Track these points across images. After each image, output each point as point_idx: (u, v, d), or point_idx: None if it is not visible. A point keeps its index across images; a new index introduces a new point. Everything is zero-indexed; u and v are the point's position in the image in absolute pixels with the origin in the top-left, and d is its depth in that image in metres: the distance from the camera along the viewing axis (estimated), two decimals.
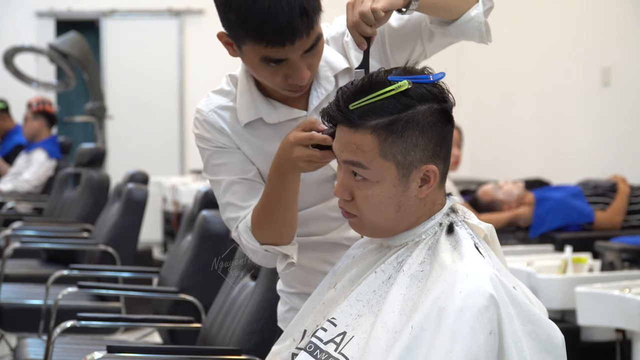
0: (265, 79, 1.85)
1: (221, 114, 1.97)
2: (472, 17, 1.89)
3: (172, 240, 7.47)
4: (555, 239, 5.33)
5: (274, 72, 1.82)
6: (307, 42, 1.79)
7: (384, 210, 1.62)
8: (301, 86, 1.86)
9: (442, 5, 1.86)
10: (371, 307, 1.62)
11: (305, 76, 1.83)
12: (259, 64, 1.81)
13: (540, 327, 1.55)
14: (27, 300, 4.26)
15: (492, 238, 1.67)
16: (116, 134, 9.18)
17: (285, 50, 1.77)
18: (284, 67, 1.81)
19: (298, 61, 1.81)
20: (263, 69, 1.82)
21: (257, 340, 2.55)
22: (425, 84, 1.61)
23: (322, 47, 1.86)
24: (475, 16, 1.89)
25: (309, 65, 1.83)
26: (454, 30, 1.90)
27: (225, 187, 1.96)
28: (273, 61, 1.80)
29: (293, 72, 1.82)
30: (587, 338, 4.15)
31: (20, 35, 9.08)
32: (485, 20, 1.90)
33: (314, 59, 1.85)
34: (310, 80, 1.88)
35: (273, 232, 1.90)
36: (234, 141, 1.96)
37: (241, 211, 1.94)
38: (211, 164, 1.98)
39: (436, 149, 1.61)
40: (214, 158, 1.98)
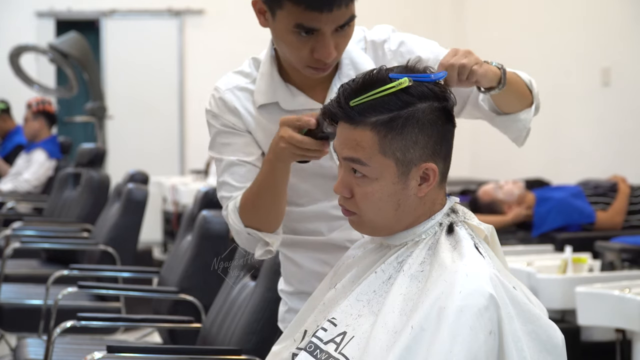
0: (293, 49, 1.86)
1: (237, 94, 2.00)
2: (520, 119, 1.95)
3: (172, 240, 7.47)
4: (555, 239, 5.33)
5: (303, 43, 1.84)
6: (343, 15, 1.81)
7: (383, 208, 1.62)
8: (325, 64, 1.87)
9: (508, 100, 1.90)
10: (371, 307, 1.62)
11: (331, 53, 1.84)
12: (291, 32, 1.83)
13: (540, 327, 1.55)
14: (27, 300, 4.26)
15: (492, 239, 1.67)
16: (116, 134, 9.18)
17: (320, 19, 1.79)
18: (314, 39, 1.83)
19: (328, 36, 1.82)
20: (293, 38, 1.84)
21: (257, 340, 2.55)
22: (426, 83, 1.61)
23: (352, 30, 1.88)
24: (524, 120, 1.96)
25: (336, 44, 1.85)
26: (499, 120, 1.96)
27: (225, 166, 1.99)
28: (305, 30, 1.81)
29: (321, 47, 1.83)
30: (587, 338, 4.15)
31: (20, 35, 9.08)
32: (529, 128, 1.97)
33: (343, 39, 1.86)
34: (333, 62, 1.89)
35: (258, 217, 1.93)
36: (244, 123, 1.99)
37: (235, 191, 1.97)
38: (217, 142, 2.02)
39: (436, 147, 1.62)
40: (220, 137, 2.01)
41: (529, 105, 1.96)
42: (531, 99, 1.96)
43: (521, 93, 1.93)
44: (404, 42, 2.00)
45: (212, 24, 9.36)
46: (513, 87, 1.87)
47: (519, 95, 1.92)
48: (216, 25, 9.35)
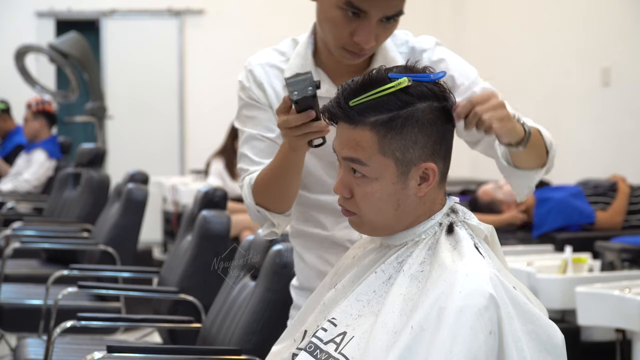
0: (334, 27, 1.88)
1: (267, 70, 2.05)
2: (528, 177, 1.94)
3: (172, 240, 7.47)
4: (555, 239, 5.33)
5: (346, 22, 1.86)
6: (393, 6, 1.83)
7: (382, 208, 1.62)
8: (361, 50, 1.88)
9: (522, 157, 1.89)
10: (371, 307, 1.62)
11: (369, 41, 1.86)
12: (338, 7, 1.85)
13: (540, 327, 1.55)
14: (27, 300, 4.26)
15: (492, 239, 1.67)
16: (116, 134, 9.18)
17: (371, 2, 1.81)
18: (358, 22, 1.85)
19: (373, 23, 1.84)
20: (339, 14, 1.86)
21: (257, 340, 2.55)
22: (426, 82, 1.61)
23: (395, 27, 1.89)
24: (531, 179, 1.94)
25: (377, 35, 1.87)
26: (507, 170, 1.94)
27: (246, 138, 2.04)
28: (353, 10, 1.83)
29: (362, 31, 1.85)
30: (587, 338, 4.15)
31: (20, 35, 9.07)
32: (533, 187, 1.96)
33: (385, 32, 1.88)
34: (368, 52, 1.91)
35: (268, 197, 1.97)
36: (268, 99, 2.02)
37: (253, 166, 2.01)
38: (242, 114, 2.06)
39: (436, 147, 1.62)
40: (245, 109, 2.05)
41: (542, 166, 1.94)
42: (545, 160, 1.94)
43: (538, 153, 1.91)
44: (444, 59, 2.01)
45: (212, 24, 9.36)
46: (532, 148, 1.86)
47: (535, 155, 1.91)
48: (216, 25, 9.35)
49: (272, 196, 1.96)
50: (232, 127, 6.69)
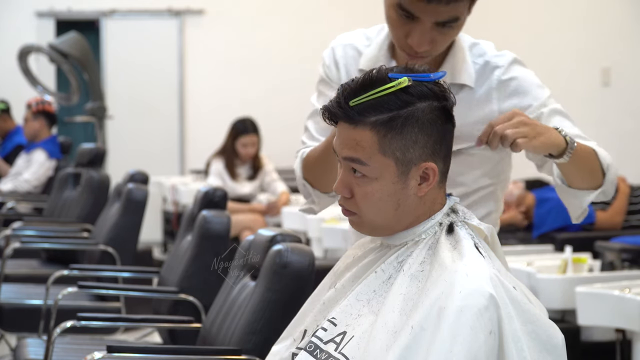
0: (392, 27, 1.90)
1: (347, 52, 2.06)
2: (578, 196, 1.91)
3: (172, 240, 7.47)
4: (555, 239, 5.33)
5: (401, 23, 1.86)
6: (443, 12, 1.82)
7: (383, 208, 1.62)
8: (416, 53, 1.88)
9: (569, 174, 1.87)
10: (371, 307, 1.62)
11: (421, 44, 1.86)
12: (393, 8, 1.86)
13: (540, 327, 1.55)
14: (27, 300, 4.26)
15: (492, 239, 1.67)
16: (116, 134, 9.18)
17: (418, 7, 1.81)
18: (412, 24, 1.85)
19: (426, 27, 1.84)
20: (394, 15, 1.87)
21: (257, 340, 2.55)
22: (426, 82, 1.61)
23: (455, 32, 1.88)
24: (583, 201, 1.91)
25: (433, 39, 1.86)
26: (561, 190, 1.92)
27: (313, 113, 2.08)
28: (405, 12, 1.83)
29: (415, 34, 1.85)
30: (587, 338, 4.15)
31: (20, 35, 9.07)
32: (586, 208, 1.93)
33: (442, 37, 1.87)
34: (428, 55, 1.90)
35: (313, 175, 2.01)
36: (341, 80, 2.04)
37: (311, 140, 2.06)
38: (317, 88, 2.11)
39: (436, 147, 1.62)
40: (320, 84, 2.10)
41: (596, 188, 1.91)
42: (600, 182, 1.91)
43: (589, 172, 1.88)
44: (516, 78, 1.99)
45: (212, 24, 9.36)
46: (580, 165, 1.84)
47: (586, 174, 1.88)
48: (216, 25, 9.35)
49: (318, 174, 2.00)
50: (232, 127, 6.69)
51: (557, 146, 1.78)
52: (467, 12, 1.88)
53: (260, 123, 6.82)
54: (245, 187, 6.70)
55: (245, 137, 6.60)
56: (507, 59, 2.01)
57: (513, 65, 2.01)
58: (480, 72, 1.99)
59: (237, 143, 6.61)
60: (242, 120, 6.70)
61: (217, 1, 9.37)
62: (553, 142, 1.77)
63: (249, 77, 9.26)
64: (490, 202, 2.06)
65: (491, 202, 2.06)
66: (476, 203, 2.04)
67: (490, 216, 2.07)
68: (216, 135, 7.66)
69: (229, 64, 9.31)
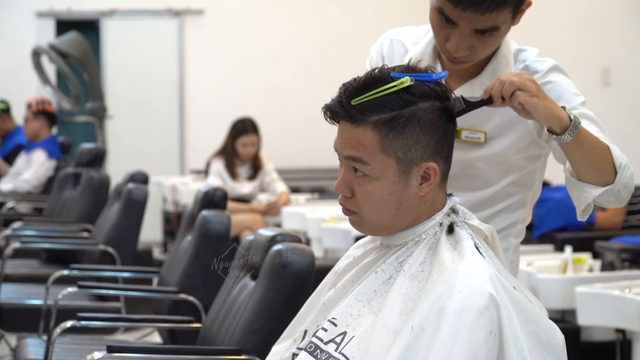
0: (434, 29, 1.90)
1: (395, 47, 2.06)
2: (585, 191, 1.86)
3: (172, 240, 7.47)
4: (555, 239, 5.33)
5: (441, 27, 1.86)
6: (481, 20, 1.81)
7: (383, 207, 1.62)
8: (454, 57, 1.88)
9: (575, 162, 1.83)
10: (371, 307, 1.62)
11: (459, 50, 1.85)
12: (435, 12, 1.85)
13: (540, 327, 1.55)
14: (27, 300, 4.25)
15: (492, 239, 1.67)
16: (116, 134, 9.18)
17: (456, 13, 1.81)
18: (452, 29, 1.84)
19: (466, 33, 1.83)
20: (436, 18, 1.87)
21: (257, 340, 2.55)
22: (428, 82, 1.61)
23: (495, 41, 1.87)
24: (589, 195, 1.86)
25: (472, 45, 1.86)
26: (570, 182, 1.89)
27: None
28: (445, 17, 1.83)
29: (453, 39, 1.85)
30: (587, 338, 4.15)
31: (20, 35, 9.07)
32: (591, 203, 1.87)
33: (482, 44, 1.86)
34: (467, 60, 1.89)
35: None
36: None
37: None
38: None
39: (437, 147, 1.62)
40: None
41: (604, 185, 1.85)
42: (611, 180, 1.85)
43: (597, 165, 1.83)
44: (552, 82, 1.97)
45: (212, 24, 9.36)
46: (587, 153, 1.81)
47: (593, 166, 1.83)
48: (216, 25, 9.35)
49: None
50: (232, 126, 6.69)
51: (559, 119, 1.75)
52: (510, 22, 1.86)
53: (260, 123, 6.82)
54: (245, 187, 6.70)
55: (245, 137, 6.60)
56: (547, 65, 2.00)
57: (552, 71, 1.99)
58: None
59: (237, 143, 6.61)
60: (242, 120, 6.70)
61: (217, 1, 9.37)
62: (556, 113, 1.75)
63: (249, 77, 9.26)
64: (520, 211, 2.04)
65: (520, 210, 2.04)
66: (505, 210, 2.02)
67: (515, 226, 2.04)
68: (216, 135, 7.66)
69: (229, 64, 9.31)
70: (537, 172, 2.05)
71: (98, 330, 3.94)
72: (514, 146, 1.96)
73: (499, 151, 1.96)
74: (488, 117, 1.95)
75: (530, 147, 1.98)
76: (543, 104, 1.73)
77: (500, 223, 2.02)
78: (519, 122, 1.94)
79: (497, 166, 1.98)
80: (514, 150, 1.97)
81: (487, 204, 2.00)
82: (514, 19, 1.87)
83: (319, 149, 8.72)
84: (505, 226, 2.03)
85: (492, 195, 2.00)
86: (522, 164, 1.99)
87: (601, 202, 1.89)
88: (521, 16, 1.90)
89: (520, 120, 1.93)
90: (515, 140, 1.96)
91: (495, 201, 2.00)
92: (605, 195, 1.86)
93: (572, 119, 1.76)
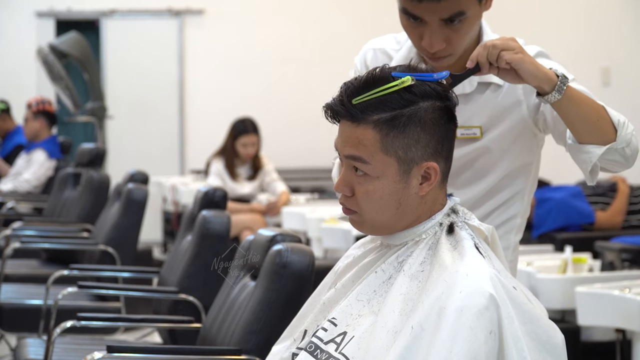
0: (406, 32, 1.90)
1: (378, 56, 2.06)
2: (589, 151, 1.82)
3: (172, 240, 7.47)
4: (555, 239, 5.33)
5: (412, 27, 1.86)
6: (444, 8, 1.80)
7: (384, 207, 1.62)
8: (432, 54, 1.87)
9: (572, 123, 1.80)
10: (371, 307, 1.62)
11: (434, 44, 1.84)
12: (402, 14, 1.86)
13: (540, 327, 1.55)
14: (27, 300, 4.26)
15: (492, 239, 1.67)
16: (116, 134, 9.18)
17: (418, 7, 1.81)
18: (422, 27, 1.84)
19: (435, 27, 1.83)
20: (405, 20, 1.87)
21: (257, 340, 2.55)
22: (429, 82, 1.61)
23: (467, 27, 1.85)
24: (593, 154, 1.81)
25: (447, 37, 1.85)
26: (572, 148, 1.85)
27: None
28: (411, 16, 1.83)
29: (425, 36, 1.84)
30: (587, 338, 4.15)
31: (20, 35, 9.07)
32: (596, 163, 1.82)
33: (456, 35, 1.85)
34: (447, 54, 1.88)
35: None
36: None
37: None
38: None
39: (438, 147, 1.62)
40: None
41: (605, 143, 1.81)
42: (612, 138, 1.80)
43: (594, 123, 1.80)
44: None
45: (212, 24, 9.36)
46: (582, 111, 1.78)
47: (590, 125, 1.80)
48: (216, 25, 9.35)
49: None
50: (232, 126, 6.69)
51: (546, 75, 1.73)
52: (477, 5, 1.84)
53: (260, 123, 6.82)
54: (245, 187, 6.70)
55: (245, 137, 6.60)
56: (534, 51, 2.00)
57: (538, 57, 1.99)
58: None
59: (237, 143, 6.61)
60: (242, 120, 6.70)
61: (217, 1, 9.37)
62: (543, 69, 1.73)
63: (249, 77, 9.26)
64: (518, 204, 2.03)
65: (518, 203, 2.03)
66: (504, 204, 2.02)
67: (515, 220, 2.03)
68: (216, 135, 7.66)
69: (229, 64, 9.31)
70: (533, 164, 2.04)
71: (98, 330, 3.93)
72: (509, 133, 1.96)
73: (495, 140, 1.96)
74: (482, 110, 1.95)
75: (525, 134, 1.97)
76: (529, 60, 1.73)
77: (499, 218, 2.01)
78: (513, 109, 1.94)
79: (494, 157, 1.98)
80: (510, 138, 1.96)
81: (485, 197, 2.00)
82: (481, 2, 1.86)
83: (319, 149, 8.72)
84: (504, 220, 2.03)
85: (490, 188, 2.00)
86: (518, 154, 1.99)
87: (608, 165, 1.85)
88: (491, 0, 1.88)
89: (514, 106, 1.94)
90: (510, 128, 1.96)
91: (494, 194, 2.01)
92: (610, 154, 1.82)
93: (560, 76, 1.75)
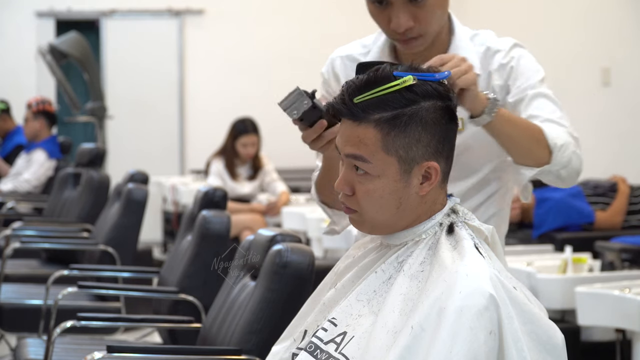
0: (376, 20, 1.90)
1: (346, 63, 2.07)
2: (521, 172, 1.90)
3: (172, 240, 7.47)
4: (555, 239, 5.33)
5: (379, 12, 1.87)
6: None
7: (384, 206, 1.62)
8: (403, 35, 1.88)
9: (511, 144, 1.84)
10: (371, 307, 1.62)
11: (402, 23, 1.86)
12: (368, 2, 1.87)
13: (540, 328, 1.55)
14: (27, 300, 4.26)
15: (492, 239, 1.67)
16: (116, 134, 9.18)
17: None
18: (389, 10, 1.86)
19: (400, 5, 1.85)
20: (372, 7, 1.88)
21: (257, 340, 2.55)
22: (430, 82, 1.61)
23: (434, 4, 1.87)
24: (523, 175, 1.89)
25: (414, 16, 1.87)
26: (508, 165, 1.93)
27: None
28: (376, 0, 1.85)
29: (394, 16, 1.86)
30: (587, 338, 4.15)
31: (21, 35, 9.07)
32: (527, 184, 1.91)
33: (423, 12, 1.87)
34: (417, 34, 1.90)
35: (326, 194, 1.99)
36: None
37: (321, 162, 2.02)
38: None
39: (439, 146, 1.62)
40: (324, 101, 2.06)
41: (540, 166, 1.87)
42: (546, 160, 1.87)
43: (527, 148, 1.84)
44: (514, 58, 2.00)
45: (212, 24, 9.36)
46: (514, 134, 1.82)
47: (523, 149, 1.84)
48: (216, 25, 9.35)
49: (328, 193, 1.97)
50: (232, 126, 6.69)
51: (481, 101, 1.76)
52: None
53: (260, 123, 6.82)
54: (245, 187, 6.70)
55: (245, 137, 6.60)
56: (508, 44, 2.03)
57: (513, 49, 2.03)
58: (482, 58, 2.01)
59: (237, 143, 6.61)
60: (242, 120, 6.70)
61: (217, 1, 9.37)
62: (479, 95, 1.76)
63: (249, 77, 9.26)
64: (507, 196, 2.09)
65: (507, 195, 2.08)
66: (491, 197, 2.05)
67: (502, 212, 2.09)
68: (216, 135, 7.66)
69: (229, 64, 9.31)
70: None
71: (98, 330, 3.93)
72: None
73: (475, 136, 1.97)
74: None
75: None
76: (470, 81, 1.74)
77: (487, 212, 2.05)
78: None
79: (479, 150, 2.00)
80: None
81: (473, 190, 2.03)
82: None
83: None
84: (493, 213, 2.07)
85: (478, 181, 2.03)
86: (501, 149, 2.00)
87: (543, 180, 1.92)
88: None
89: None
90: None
91: (483, 187, 2.04)
92: (543, 175, 1.89)
93: (491, 99, 1.78)
